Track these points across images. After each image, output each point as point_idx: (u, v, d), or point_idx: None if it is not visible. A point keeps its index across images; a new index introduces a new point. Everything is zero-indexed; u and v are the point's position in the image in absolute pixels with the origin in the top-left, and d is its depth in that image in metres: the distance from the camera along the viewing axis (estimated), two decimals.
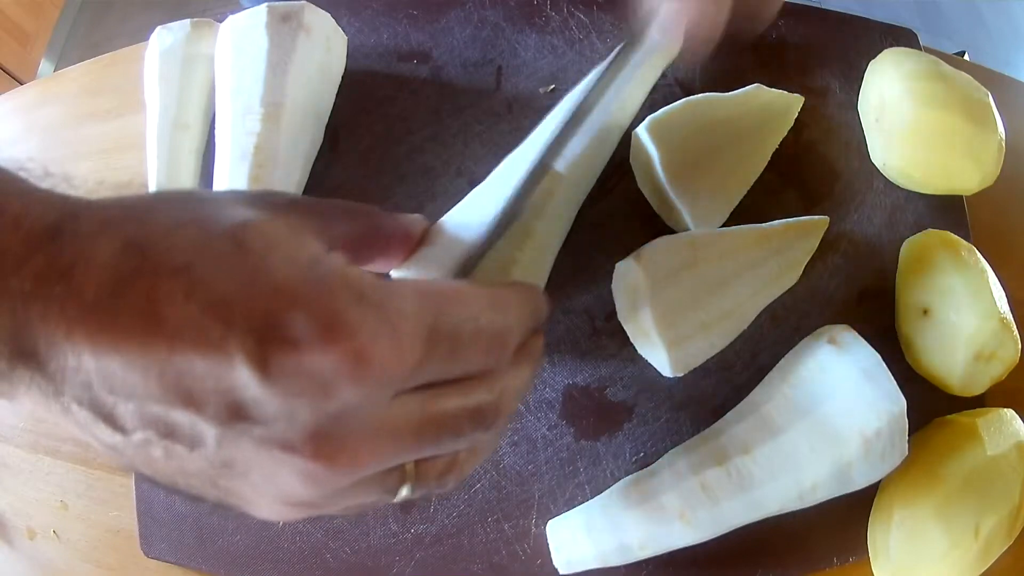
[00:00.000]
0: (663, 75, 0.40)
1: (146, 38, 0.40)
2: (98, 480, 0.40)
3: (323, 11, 0.38)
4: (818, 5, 0.47)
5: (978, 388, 0.35)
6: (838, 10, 0.44)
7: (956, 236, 0.38)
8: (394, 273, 0.27)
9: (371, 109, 0.40)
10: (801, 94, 0.38)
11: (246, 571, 0.35)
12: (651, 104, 0.38)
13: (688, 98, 0.37)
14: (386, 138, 0.40)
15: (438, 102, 0.40)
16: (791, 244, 0.35)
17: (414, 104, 0.40)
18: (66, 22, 1.51)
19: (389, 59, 0.41)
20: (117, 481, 0.39)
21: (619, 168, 0.38)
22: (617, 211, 0.38)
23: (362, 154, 0.40)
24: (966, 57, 0.78)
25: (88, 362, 0.15)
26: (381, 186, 0.39)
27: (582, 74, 0.39)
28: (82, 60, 0.48)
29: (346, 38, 0.40)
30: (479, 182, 0.38)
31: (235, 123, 0.36)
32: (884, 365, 0.31)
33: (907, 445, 0.31)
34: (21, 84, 1.14)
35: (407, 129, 0.40)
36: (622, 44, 0.32)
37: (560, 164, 0.28)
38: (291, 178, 0.37)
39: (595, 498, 0.33)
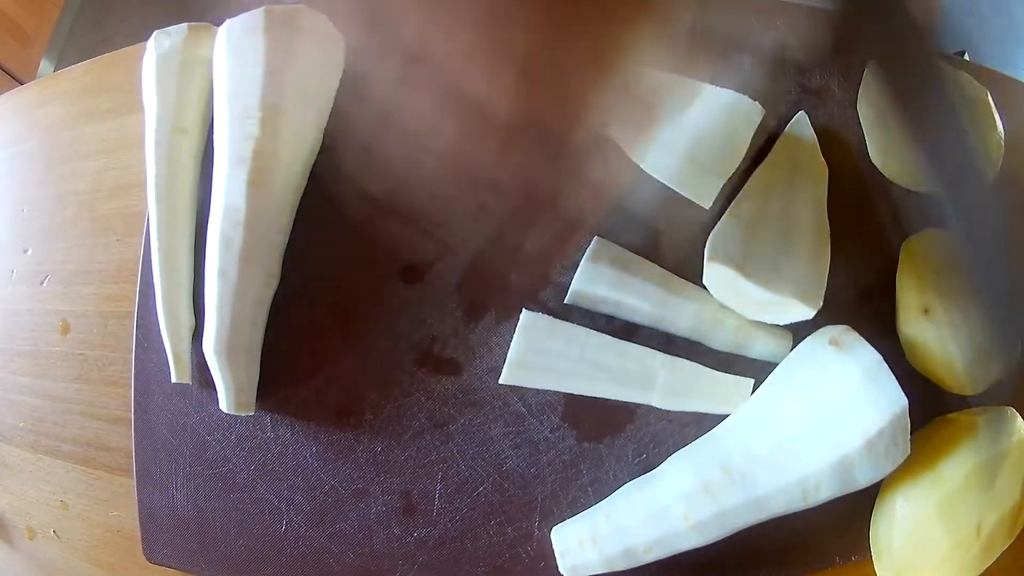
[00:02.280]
0: None
1: (146, 38, 0.40)
2: (98, 480, 0.40)
3: (320, 14, 0.38)
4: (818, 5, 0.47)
5: (979, 387, 0.35)
6: None
7: None
8: None
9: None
10: (800, 93, 0.38)
11: (247, 575, 0.35)
12: None
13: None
14: None
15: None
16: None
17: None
18: (66, 22, 1.51)
19: None
20: (117, 481, 0.39)
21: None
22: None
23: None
24: (966, 57, 0.78)
25: None
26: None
27: None
28: (82, 60, 0.48)
29: (343, 41, 0.40)
30: None
31: (232, 127, 0.36)
32: (885, 365, 0.31)
33: (909, 444, 0.31)
34: (21, 84, 1.14)
35: None
36: None
37: None
38: (291, 184, 0.37)
39: (599, 503, 0.33)
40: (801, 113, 0.38)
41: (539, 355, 0.33)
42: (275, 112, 0.35)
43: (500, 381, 0.34)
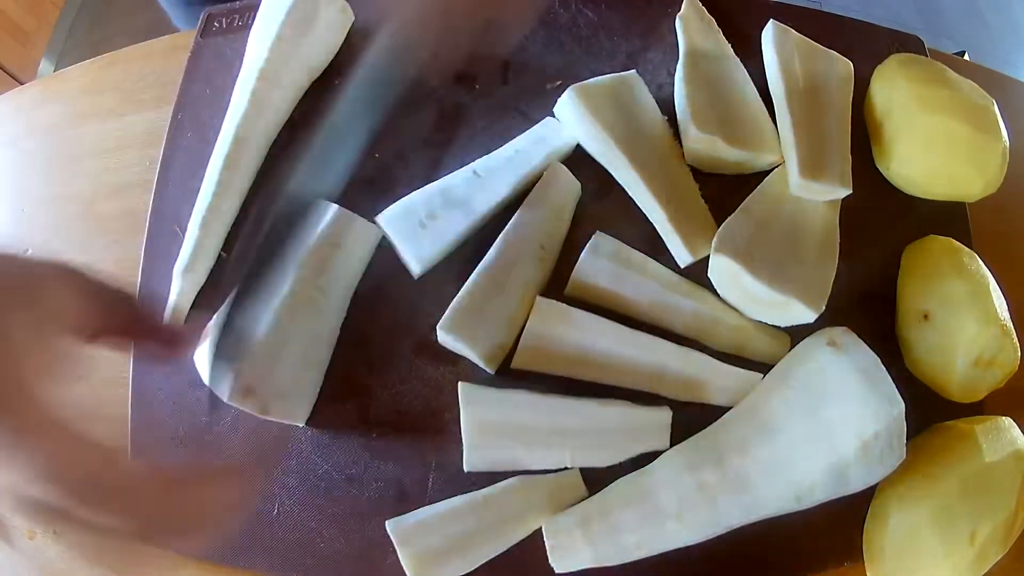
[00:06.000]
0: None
1: (146, 37, 0.40)
2: None
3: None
4: (818, 6, 0.47)
5: (977, 394, 0.35)
6: (838, 11, 0.44)
7: (958, 242, 0.37)
8: None
9: None
10: None
11: (239, 558, 0.35)
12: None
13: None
14: (395, 132, 0.40)
15: (446, 96, 0.40)
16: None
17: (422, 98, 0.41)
18: (66, 22, 1.51)
19: None
20: None
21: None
22: (613, 213, 0.38)
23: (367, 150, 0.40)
24: (966, 57, 0.78)
25: None
26: (389, 178, 0.39)
27: (589, 70, 0.40)
28: (82, 60, 0.48)
29: (353, 17, 0.41)
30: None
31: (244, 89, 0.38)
32: (883, 367, 0.30)
33: (905, 448, 0.30)
34: (21, 84, 1.14)
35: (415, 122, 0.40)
36: None
37: None
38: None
39: (591, 497, 0.33)
40: None
41: (548, 340, 0.34)
42: (271, 85, 0.39)
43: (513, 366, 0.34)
